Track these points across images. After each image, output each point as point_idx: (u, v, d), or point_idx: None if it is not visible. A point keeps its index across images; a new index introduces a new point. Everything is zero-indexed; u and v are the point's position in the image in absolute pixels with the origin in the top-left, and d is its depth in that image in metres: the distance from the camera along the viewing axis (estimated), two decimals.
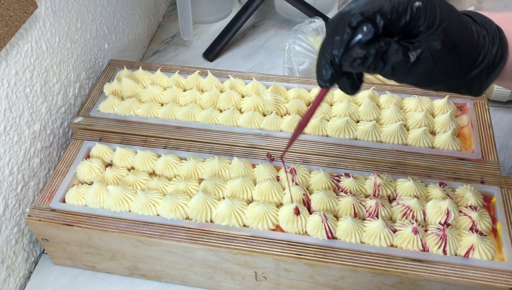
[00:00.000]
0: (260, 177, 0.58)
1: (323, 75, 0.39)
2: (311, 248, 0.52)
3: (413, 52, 0.37)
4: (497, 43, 0.41)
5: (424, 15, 0.37)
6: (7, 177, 0.57)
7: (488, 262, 0.51)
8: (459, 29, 0.38)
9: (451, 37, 0.38)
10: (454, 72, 0.40)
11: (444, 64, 0.38)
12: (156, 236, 0.54)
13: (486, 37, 0.40)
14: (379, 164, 0.60)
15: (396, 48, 0.37)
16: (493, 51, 0.40)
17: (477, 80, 0.42)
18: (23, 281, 0.61)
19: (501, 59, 0.41)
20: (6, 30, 0.52)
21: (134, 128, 0.65)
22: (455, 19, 0.38)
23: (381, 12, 0.36)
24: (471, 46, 0.39)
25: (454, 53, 0.38)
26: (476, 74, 0.41)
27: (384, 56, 0.37)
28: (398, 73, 0.38)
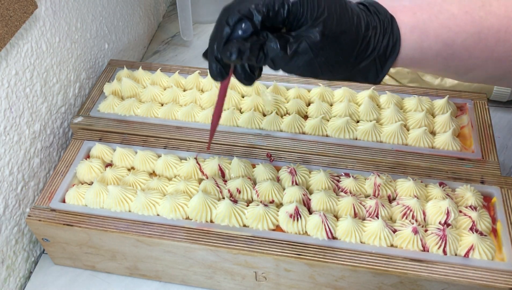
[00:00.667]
0: (260, 177, 0.58)
1: (211, 70, 0.41)
2: (311, 248, 0.52)
3: (292, 45, 0.39)
4: (389, 33, 0.41)
5: (301, 9, 0.38)
6: (7, 177, 0.57)
7: (488, 262, 0.51)
8: (340, 21, 0.39)
9: (330, 29, 0.39)
10: (340, 63, 0.41)
11: (325, 56, 0.39)
12: (156, 236, 0.54)
13: (377, 27, 0.41)
14: (379, 164, 0.60)
15: (273, 41, 0.38)
16: (384, 42, 0.41)
17: (370, 69, 0.43)
18: (23, 281, 0.61)
19: (393, 50, 0.42)
20: (6, 30, 0.52)
21: (134, 128, 0.65)
22: (337, 11, 0.39)
23: (256, 9, 0.38)
24: (355, 38, 0.40)
25: (335, 44, 0.39)
26: (367, 65, 0.42)
27: (264, 49, 0.39)
28: (279, 65, 0.40)
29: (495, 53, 0.42)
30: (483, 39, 0.42)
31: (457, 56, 0.43)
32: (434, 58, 0.43)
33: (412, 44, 0.42)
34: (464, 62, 0.43)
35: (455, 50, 0.42)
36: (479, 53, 0.42)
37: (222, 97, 0.46)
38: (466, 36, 0.42)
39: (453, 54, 0.43)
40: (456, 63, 0.44)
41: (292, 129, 0.64)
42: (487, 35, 0.41)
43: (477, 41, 0.42)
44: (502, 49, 0.42)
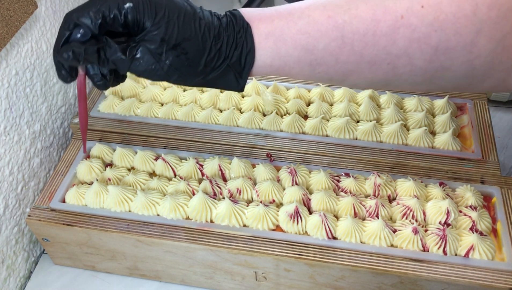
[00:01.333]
0: (260, 177, 0.58)
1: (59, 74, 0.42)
2: (311, 248, 0.52)
3: (132, 49, 0.40)
4: (242, 42, 0.42)
5: (137, 15, 0.39)
6: (7, 177, 0.57)
7: (488, 262, 0.51)
8: (184, 28, 0.40)
9: (171, 35, 0.39)
10: (187, 69, 0.41)
11: (169, 62, 0.40)
12: (156, 236, 0.54)
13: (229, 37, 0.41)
14: (379, 164, 0.60)
15: (112, 46, 0.39)
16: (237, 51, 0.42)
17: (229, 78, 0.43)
18: (23, 281, 0.61)
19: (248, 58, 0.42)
20: (6, 30, 0.52)
21: (134, 128, 0.65)
22: (179, 19, 0.40)
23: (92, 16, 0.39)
24: (202, 47, 0.41)
25: (177, 51, 0.40)
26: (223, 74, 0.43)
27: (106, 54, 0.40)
28: (122, 68, 0.40)
29: (366, 57, 0.41)
30: (348, 43, 0.41)
31: (322, 61, 0.42)
32: (298, 65, 0.43)
33: (269, 51, 0.42)
34: (332, 68, 0.43)
35: (318, 56, 0.42)
36: (346, 57, 0.41)
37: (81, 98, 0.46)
38: (328, 40, 0.41)
39: (317, 59, 0.42)
40: (324, 69, 0.43)
41: (292, 129, 0.64)
42: (352, 40, 0.41)
43: (341, 46, 0.41)
44: (373, 52, 0.41)
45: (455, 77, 0.41)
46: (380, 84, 0.44)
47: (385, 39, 0.40)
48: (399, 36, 0.40)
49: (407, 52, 0.40)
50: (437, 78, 0.42)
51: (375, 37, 0.40)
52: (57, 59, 0.41)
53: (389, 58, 0.41)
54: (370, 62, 0.41)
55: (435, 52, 0.40)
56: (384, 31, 0.40)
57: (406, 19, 0.39)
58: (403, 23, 0.39)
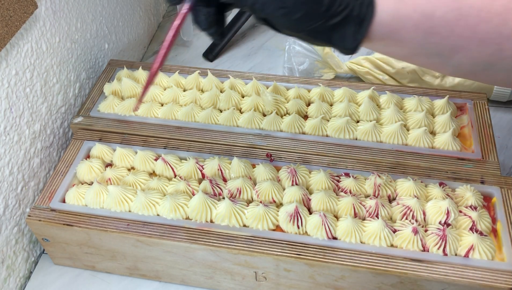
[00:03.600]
0: (260, 177, 0.58)
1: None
2: (311, 248, 0.52)
3: None
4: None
5: None
6: (7, 177, 0.57)
7: (488, 262, 0.51)
8: None
9: None
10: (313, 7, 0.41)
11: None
12: (156, 236, 0.54)
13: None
14: (379, 164, 0.60)
15: None
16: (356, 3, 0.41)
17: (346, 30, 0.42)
18: (23, 281, 0.61)
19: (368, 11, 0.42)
20: (6, 30, 0.52)
21: (134, 128, 0.65)
22: None
23: None
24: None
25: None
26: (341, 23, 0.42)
27: None
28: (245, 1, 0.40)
29: (478, 34, 0.42)
30: (464, 16, 0.42)
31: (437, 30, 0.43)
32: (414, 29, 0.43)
33: (390, 9, 0.42)
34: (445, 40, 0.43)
35: (435, 23, 0.42)
36: (461, 30, 0.42)
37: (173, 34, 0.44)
38: (446, 9, 0.42)
39: (433, 27, 0.43)
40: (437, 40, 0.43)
41: (292, 129, 0.64)
42: (469, 13, 0.41)
43: (458, 17, 0.42)
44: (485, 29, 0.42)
45: None
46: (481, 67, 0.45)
47: (498, 18, 0.41)
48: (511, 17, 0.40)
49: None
50: None
51: (489, 14, 0.41)
52: None
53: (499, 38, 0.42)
54: (481, 40, 0.42)
55: None
56: (498, 10, 0.41)
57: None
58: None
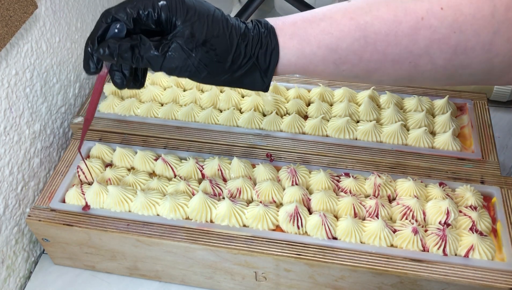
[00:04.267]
0: (260, 177, 0.58)
1: (85, 65, 0.44)
2: (311, 248, 0.52)
3: (164, 46, 0.42)
4: (267, 42, 0.44)
5: (170, 13, 0.41)
6: (7, 177, 0.57)
7: (488, 262, 0.51)
8: (212, 26, 0.42)
9: (201, 31, 0.42)
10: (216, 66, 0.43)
11: (198, 58, 0.42)
12: (156, 236, 0.54)
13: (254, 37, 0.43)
14: (379, 164, 0.60)
15: (147, 42, 0.42)
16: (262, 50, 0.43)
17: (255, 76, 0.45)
18: (23, 281, 0.61)
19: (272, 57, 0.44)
20: (6, 30, 0.52)
21: (134, 128, 0.65)
22: (209, 18, 0.42)
23: (128, 11, 0.42)
24: (229, 44, 0.43)
25: (206, 47, 0.42)
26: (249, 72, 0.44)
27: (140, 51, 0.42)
28: (155, 65, 0.42)
29: (389, 56, 0.43)
30: (371, 43, 0.43)
31: (346, 60, 0.44)
32: (322, 63, 0.44)
33: (293, 50, 0.44)
34: (356, 66, 0.44)
35: (342, 54, 0.43)
36: (369, 56, 0.43)
37: (97, 93, 0.48)
38: (351, 40, 0.43)
39: (341, 58, 0.44)
40: (348, 67, 0.44)
41: (292, 129, 0.64)
42: (375, 39, 0.42)
43: (364, 45, 0.43)
44: (395, 51, 0.43)
45: (474, 74, 0.43)
46: (404, 81, 0.46)
47: (407, 39, 0.42)
48: (420, 37, 0.41)
49: (428, 51, 0.42)
50: (457, 75, 0.44)
51: (397, 37, 0.42)
52: (90, 51, 0.43)
53: (411, 57, 0.43)
54: (393, 60, 0.43)
55: (454, 52, 0.41)
56: (405, 32, 0.42)
57: (427, 21, 0.41)
58: (424, 24, 0.41)
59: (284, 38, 0.44)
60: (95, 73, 0.45)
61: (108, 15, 0.42)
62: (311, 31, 0.43)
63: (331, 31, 0.43)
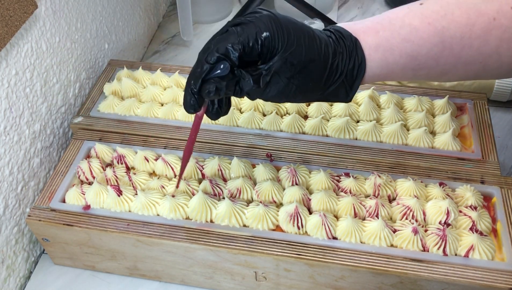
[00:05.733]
0: (260, 177, 0.58)
1: (186, 103, 0.44)
2: (311, 248, 0.52)
3: (265, 78, 0.41)
4: (354, 56, 0.44)
5: (273, 42, 0.41)
6: (7, 177, 0.57)
7: (488, 262, 0.51)
8: (309, 50, 0.42)
9: (299, 59, 0.41)
10: (310, 89, 0.43)
11: (296, 84, 0.42)
12: (156, 236, 0.54)
13: (343, 53, 0.43)
14: (379, 164, 0.60)
15: (247, 77, 0.41)
16: (350, 65, 0.44)
17: (340, 91, 0.45)
18: (23, 281, 0.61)
19: (359, 71, 0.44)
20: (6, 30, 0.52)
21: (134, 128, 0.65)
22: (305, 42, 0.42)
23: (233, 48, 0.40)
24: (323, 65, 0.43)
25: (304, 73, 0.42)
26: (336, 88, 0.45)
27: (240, 84, 0.42)
28: (254, 97, 0.43)
29: (462, 58, 0.44)
30: (447, 47, 0.44)
31: (424, 66, 0.45)
32: (402, 71, 0.45)
33: (378, 62, 0.44)
34: (433, 70, 0.45)
35: (421, 61, 0.44)
36: (446, 59, 0.44)
37: (195, 130, 0.48)
38: (430, 46, 0.44)
39: (420, 64, 0.45)
40: (425, 72, 0.46)
41: (292, 129, 0.64)
42: (451, 43, 0.43)
43: (441, 50, 0.44)
44: (468, 53, 0.44)
45: None
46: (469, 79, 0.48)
47: (479, 40, 0.43)
48: (492, 37, 0.43)
49: (497, 51, 0.43)
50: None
51: (471, 40, 0.43)
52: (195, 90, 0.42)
53: (482, 57, 0.44)
54: (465, 62, 0.44)
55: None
56: (478, 34, 0.43)
57: (498, 21, 0.42)
58: (495, 25, 0.42)
59: (370, 51, 0.44)
60: (197, 111, 0.44)
61: (213, 55, 0.41)
62: (393, 41, 0.44)
63: (411, 39, 0.44)
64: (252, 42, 0.40)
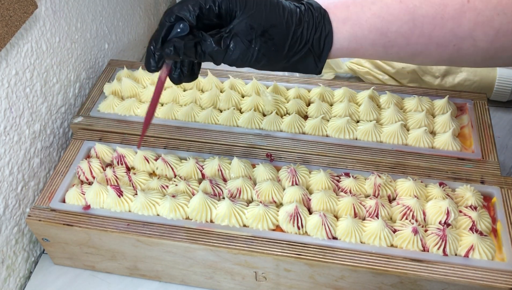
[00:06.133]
0: (260, 177, 0.58)
1: (148, 63, 0.45)
2: (311, 248, 0.52)
3: (225, 40, 0.42)
4: (321, 27, 0.44)
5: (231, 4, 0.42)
6: (7, 177, 0.57)
7: (488, 262, 0.51)
8: (270, 15, 0.43)
9: (259, 22, 0.43)
10: (273, 55, 0.44)
11: (257, 47, 0.43)
12: (156, 236, 0.54)
13: (309, 22, 0.44)
14: (379, 164, 0.60)
15: (208, 39, 0.42)
16: (316, 35, 0.44)
17: (308, 61, 0.46)
18: (23, 281, 0.61)
19: (326, 42, 0.45)
20: (6, 30, 0.52)
21: (134, 128, 0.65)
22: (266, 7, 0.43)
23: (191, 9, 0.42)
24: (286, 32, 0.43)
25: (265, 37, 0.43)
26: (303, 57, 0.45)
27: (201, 46, 0.43)
28: (217, 59, 0.43)
29: (434, 38, 0.44)
30: (418, 26, 0.44)
31: (394, 43, 0.45)
32: (372, 47, 0.45)
33: (346, 35, 0.45)
34: (403, 49, 0.45)
35: (391, 38, 0.45)
36: (416, 39, 0.44)
37: (158, 93, 0.48)
38: (400, 23, 0.44)
39: (390, 41, 0.45)
40: (395, 50, 0.46)
41: (292, 129, 0.64)
42: (422, 22, 0.43)
43: (412, 28, 0.44)
44: (441, 34, 0.44)
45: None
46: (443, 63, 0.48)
47: (452, 22, 0.43)
48: (465, 20, 0.43)
49: (471, 34, 0.43)
50: (497, 58, 0.45)
51: (443, 20, 0.43)
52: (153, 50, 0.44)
53: (455, 40, 0.44)
54: (437, 43, 0.44)
55: (496, 34, 0.43)
56: (451, 14, 0.43)
57: (472, 3, 0.42)
58: (469, 7, 0.42)
59: (338, 24, 0.45)
60: (155, 71, 0.45)
61: (171, 14, 0.43)
62: (363, 15, 0.44)
63: (381, 15, 0.44)
64: (209, 4, 0.42)
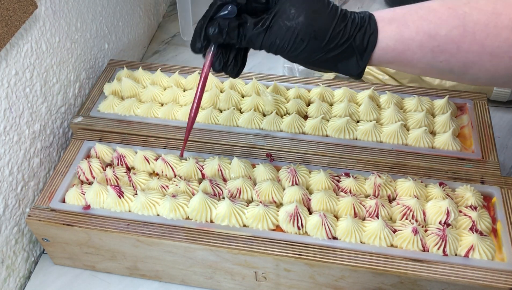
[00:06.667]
0: (260, 177, 0.58)
1: (193, 43, 0.46)
2: (311, 248, 0.52)
3: (266, 20, 0.43)
4: (366, 25, 0.44)
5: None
6: (7, 177, 0.57)
7: (488, 262, 0.51)
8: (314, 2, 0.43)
9: (302, 6, 0.42)
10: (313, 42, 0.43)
11: (297, 31, 0.42)
12: (156, 236, 0.54)
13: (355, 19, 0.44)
14: (379, 164, 0.60)
15: (250, 20, 0.43)
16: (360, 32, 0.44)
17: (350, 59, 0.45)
18: (23, 281, 0.61)
19: (371, 41, 0.44)
20: (6, 30, 0.52)
21: (134, 128, 0.65)
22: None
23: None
24: (328, 21, 0.43)
25: (307, 21, 0.42)
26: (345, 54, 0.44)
27: (244, 30, 0.43)
28: (256, 43, 0.44)
29: (488, 48, 0.42)
30: (470, 32, 0.42)
31: (444, 48, 0.43)
32: (420, 50, 0.44)
33: (392, 34, 0.44)
34: (454, 57, 0.43)
35: (440, 41, 0.43)
36: (468, 46, 0.42)
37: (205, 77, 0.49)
38: (450, 28, 0.42)
39: (439, 46, 0.43)
40: (446, 57, 0.43)
41: (292, 129, 0.64)
42: (474, 29, 0.41)
43: (463, 34, 0.42)
44: (495, 43, 0.41)
45: None
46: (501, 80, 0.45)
47: (507, 31, 0.41)
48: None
49: None
50: None
51: (497, 29, 0.41)
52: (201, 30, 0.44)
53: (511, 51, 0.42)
54: (491, 53, 0.42)
55: None
56: (505, 24, 0.41)
57: None
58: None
59: (383, 23, 0.44)
60: (200, 52, 0.46)
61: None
62: (410, 17, 0.43)
63: (429, 18, 0.43)
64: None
